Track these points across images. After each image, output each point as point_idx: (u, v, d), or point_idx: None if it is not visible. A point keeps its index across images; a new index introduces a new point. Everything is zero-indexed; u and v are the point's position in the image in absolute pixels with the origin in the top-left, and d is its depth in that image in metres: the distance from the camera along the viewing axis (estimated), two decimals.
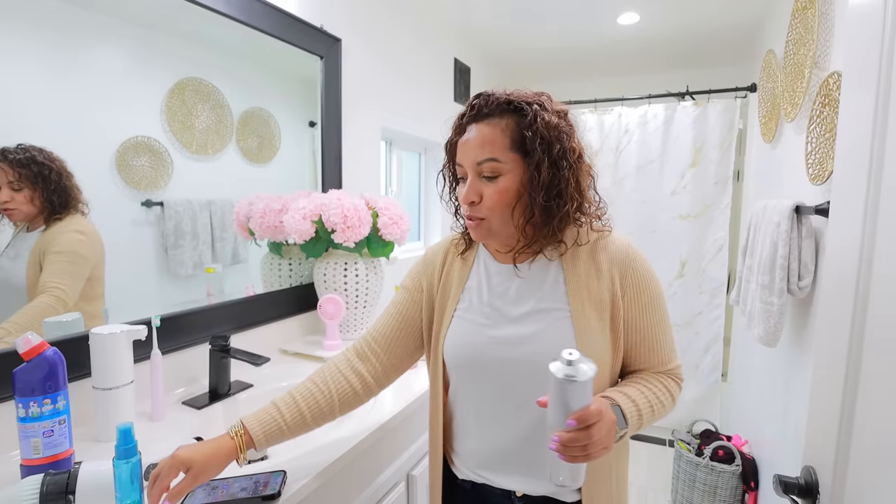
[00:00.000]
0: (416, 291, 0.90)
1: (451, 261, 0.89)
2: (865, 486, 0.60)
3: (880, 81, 0.62)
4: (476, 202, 0.76)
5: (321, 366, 0.88)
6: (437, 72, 2.51)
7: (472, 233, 0.79)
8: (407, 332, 0.89)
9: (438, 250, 0.92)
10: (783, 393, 1.59)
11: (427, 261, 0.91)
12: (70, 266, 1.02)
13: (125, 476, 0.68)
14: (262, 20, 1.40)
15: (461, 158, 0.77)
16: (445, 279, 0.88)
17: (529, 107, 0.73)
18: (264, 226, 1.49)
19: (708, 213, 2.63)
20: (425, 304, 0.88)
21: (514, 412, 0.79)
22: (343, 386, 0.85)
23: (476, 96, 0.76)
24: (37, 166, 0.95)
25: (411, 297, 0.90)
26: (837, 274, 0.71)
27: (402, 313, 0.89)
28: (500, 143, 0.73)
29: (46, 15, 0.96)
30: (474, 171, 0.75)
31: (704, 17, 2.39)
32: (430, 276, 0.89)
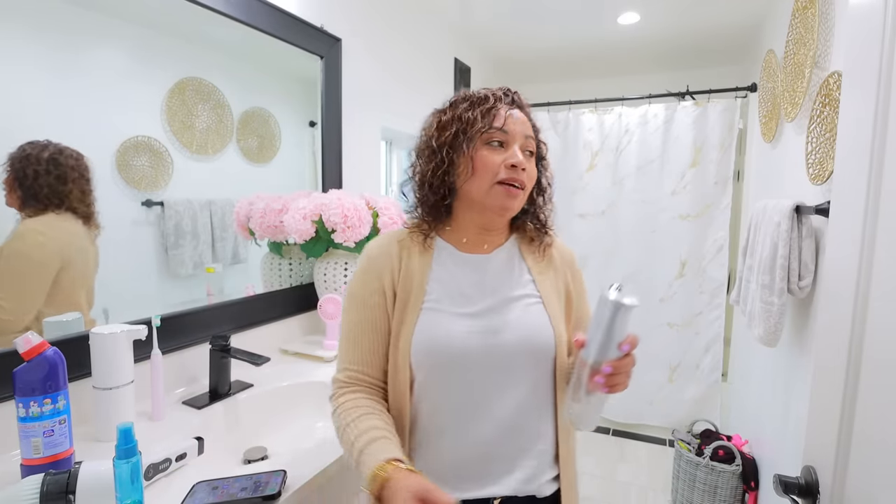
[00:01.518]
0: (378, 296, 0.81)
1: (408, 255, 0.83)
2: (865, 486, 0.60)
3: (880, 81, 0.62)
4: (525, 169, 0.79)
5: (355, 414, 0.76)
6: (438, 71, 2.51)
7: (508, 200, 0.78)
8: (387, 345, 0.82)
9: (388, 246, 0.84)
10: (783, 393, 1.59)
11: (377, 262, 0.83)
12: (17, 272, 0.93)
13: (125, 476, 0.68)
14: (263, 20, 1.40)
15: (511, 126, 0.79)
16: (405, 274, 0.81)
17: (538, 126, 0.87)
18: (264, 226, 1.49)
19: (708, 213, 2.63)
20: (389, 306, 0.81)
21: (494, 403, 0.78)
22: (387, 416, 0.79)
23: (511, 89, 0.85)
24: (23, 155, 0.93)
25: (377, 307, 0.81)
26: (837, 274, 0.71)
27: (377, 329, 0.81)
28: (533, 132, 0.83)
29: (47, 15, 0.96)
30: (522, 143, 0.80)
31: (704, 17, 2.39)
32: (389, 273, 0.82)
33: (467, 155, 0.79)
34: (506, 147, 0.79)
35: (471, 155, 0.79)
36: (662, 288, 2.73)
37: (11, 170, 0.93)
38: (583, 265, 2.87)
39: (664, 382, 2.77)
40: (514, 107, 0.82)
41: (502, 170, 0.77)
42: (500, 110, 0.80)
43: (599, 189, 2.83)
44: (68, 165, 1.00)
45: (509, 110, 0.80)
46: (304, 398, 1.25)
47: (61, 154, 0.98)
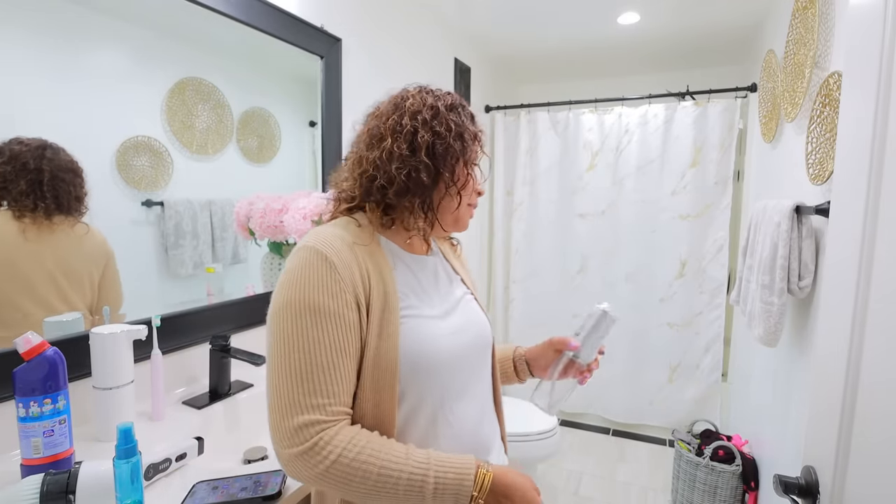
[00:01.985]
0: (353, 311, 0.68)
1: (368, 257, 0.73)
2: (865, 486, 0.60)
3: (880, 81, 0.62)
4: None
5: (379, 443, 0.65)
6: (438, 72, 2.51)
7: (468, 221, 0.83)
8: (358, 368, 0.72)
9: (347, 252, 0.70)
10: (783, 393, 1.59)
11: (344, 270, 0.68)
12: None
13: (125, 476, 0.68)
14: (263, 20, 1.40)
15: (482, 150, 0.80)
16: (376, 279, 0.72)
17: None
18: (264, 225, 1.49)
19: (708, 213, 2.63)
20: (364, 320, 0.69)
21: (466, 402, 0.78)
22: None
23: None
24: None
25: (354, 324, 0.68)
26: (837, 274, 0.71)
27: (356, 351, 0.68)
28: None
29: (47, 15, 0.96)
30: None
31: (704, 17, 2.39)
32: (361, 280, 0.70)
33: (457, 170, 0.74)
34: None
35: (461, 171, 0.75)
36: (662, 288, 2.73)
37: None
38: (583, 265, 2.88)
39: (664, 382, 2.77)
40: None
41: (473, 193, 0.80)
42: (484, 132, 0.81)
43: (599, 189, 2.83)
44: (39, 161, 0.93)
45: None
46: None
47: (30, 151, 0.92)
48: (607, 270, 2.84)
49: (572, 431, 2.87)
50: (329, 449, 0.61)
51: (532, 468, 2.11)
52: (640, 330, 2.78)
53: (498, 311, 3.10)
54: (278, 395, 0.63)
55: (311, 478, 0.61)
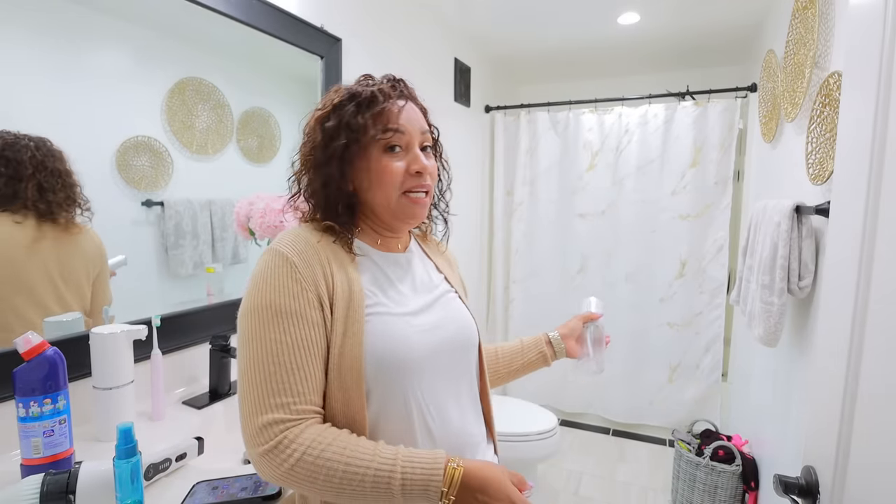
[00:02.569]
0: (316, 310, 0.68)
1: (335, 257, 0.72)
2: (865, 486, 0.60)
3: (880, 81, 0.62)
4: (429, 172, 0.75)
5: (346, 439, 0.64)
6: (438, 72, 2.51)
7: (416, 209, 0.75)
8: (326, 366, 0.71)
9: (312, 252, 0.70)
10: (783, 393, 1.59)
11: (306, 270, 0.68)
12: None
13: (126, 476, 0.68)
14: (263, 20, 1.40)
15: (407, 125, 0.73)
16: (341, 277, 0.71)
17: (428, 110, 0.81)
18: (264, 226, 1.49)
19: (708, 213, 2.63)
20: (328, 319, 0.69)
21: (451, 399, 0.76)
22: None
23: (398, 77, 0.77)
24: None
25: (317, 324, 0.68)
26: (837, 274, 0.71)
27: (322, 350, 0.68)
28: (426, 124, 0.78)
29: (47, 15, 0.96)
30: (419, 140, 0.74)
31: (704, 17, 2.39)
32: (323, 279, 0.69)
33: (364, 166, 0.72)
34: (406, 149, 0.73)
35: (368, 166, 0.72)
36: (662, 288, 2.73)
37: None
38: (583, 265, 2.88)
39: (664, 382, 2.77)
40: (404, 99, 0.75)
41: (407, 178, 0.72)
42: (392, 109, 0.72)
43: (599, 189, 2.83)
44: (22, 160, 0.91)
45: (402, 106, 0.73)
46: None
47: (12, 147, 0.90)
48: (607, 270, 2.84)
49: (572, 431, 2.87)
50: (293, 448, 0.60)
51: (532, 468, 2.11)
52: (640, 330, 2.78)
53: (498, 311, 3.10)
54: (245, 395, 0.64)
55: (277, 477, 0.61)
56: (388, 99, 0.73)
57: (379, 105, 0.72)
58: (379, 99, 0.72)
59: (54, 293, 0.98)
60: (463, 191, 2.74)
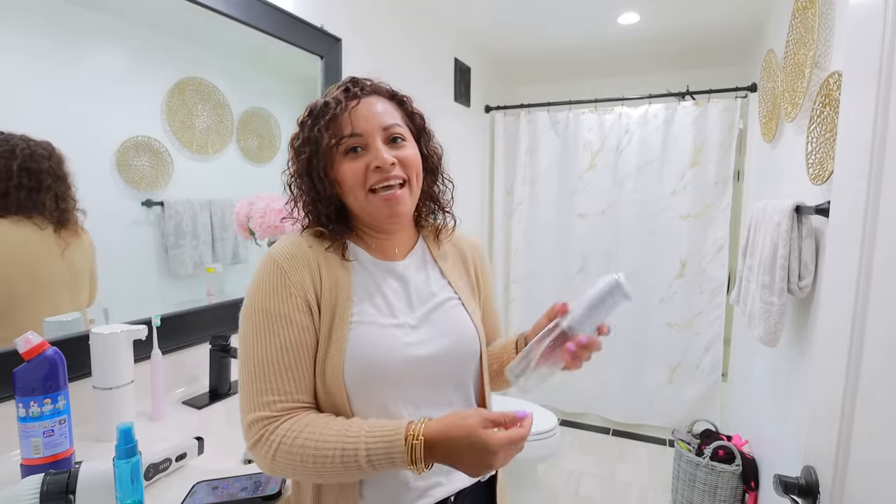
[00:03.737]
0: (304, 314, 0.70)
1: (326, 262, 0.74)
2: (865, 486, 0.60)
3: (880, 81, 0.62)
4: (395, 164, 0.72)
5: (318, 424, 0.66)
6: (438, 72, 2.51)
7: (390, 206, 0.73)
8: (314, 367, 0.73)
9: (301, 253, 0.73)
10: (783, 393, 1.59)
11: (293, 271, 0.71)
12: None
13: (126, 476, 0.68)
14: (263, 20, 1.40)
15: (361, 126, 0.72)
16: (329, 283, 0.73)
17: (405, 97, 0.79)
18: (264, 225, 1.49)
19: (708, 213, 2.63)
20: (316, 323, 0.72)
21: (437, 409, 0.75)
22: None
23: (352, 78, 0.76)
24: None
25: (305, 327, 0.70)
26: (837, 274, 0.71)
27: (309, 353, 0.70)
28: (396, 115, 0.76)
29: (47, 15, 0.96)
30: (381, 136, 0.73)
31: (704, 17, 2.39)
32: (311, 283, 0.72)
33: (334, 174, 0.74)
34: (366, 148, 0.72)
35: (333, 175, 0.74)
36: (662, 288, 2.73)
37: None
38: (583, 265, 2.88)
39: (664, 382, 2.77)
40: (366, 95, 0.75)
41: (369, 175, 0.72)
42: (344, 114, 0.72)
43: (599, 189, 2.83)
44: (45, 170, 0.94)
45: (358, 106, 0.73)
46: None
47: (32, 157, 0.92)
48: (607, 270, 2.83)
49: (572, 431, 2.87)
50: (271, 440, 0.64)
51: (532, 468, 2.11)
52: (640, 330, 2.78)
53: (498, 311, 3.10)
54: (240, 392, 0.69)
55: (266, 468, 0.66)
56: (338, 105, 0.73)
57: (330, 113, 0.72)
58: (330, 106, 0.73)
59: (67, 294, 1.01)
60: (463, 191, 2.74)
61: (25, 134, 0.93)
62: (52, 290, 0.99)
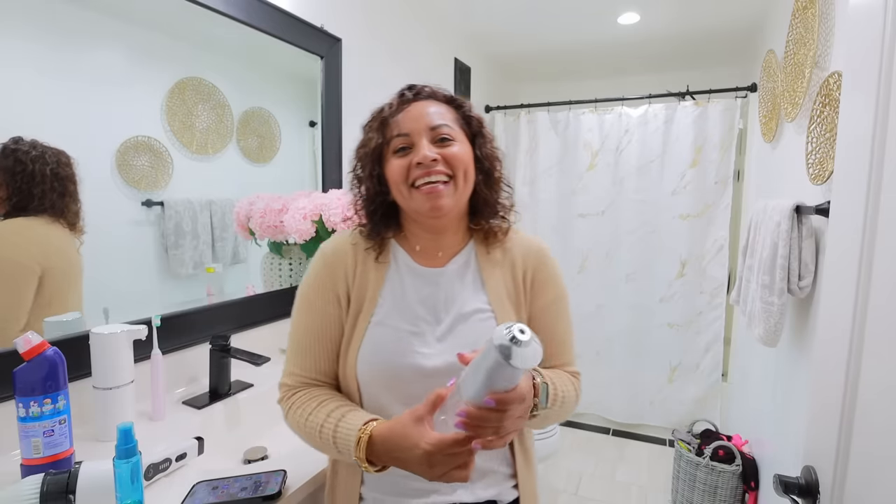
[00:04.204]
0: (333, 306, 0.78)
1: (364, 260, 0.79)
2: (865, 486, 0.60)
3: (880, 81, 0.62)
4: (438, 160, 0.73)
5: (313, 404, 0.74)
6: (438, 72, 2.51)
7: (432, 200, 0.73)
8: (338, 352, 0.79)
9: (342, 249, 0.80)
10: (783, 393, 1.59)
11: (333, 264, 0.79)
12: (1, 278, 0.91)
13: (126, 476, 0.68)
14: (263, 20, 1.40)
15: (408, 126, 0.74)
16: (359, 281, 0.78)
17: (463, 101, 0.81)
18: (264, 225, 1.49)
19: (708, 213, 2.63)
20: (343, 315, 0.79)
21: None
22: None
23: (410, 85, 0.80)
24: (13, 161, 0.92)
25: (331, 316, 0.78)
26: (838, 274, 0.71)
27: (331, 338, 0.78)
28: (448, 117, 0.77)
29: (47, 15, 0.96)
30: (428, 136, 0.74)
31: (704, 17, 2.39)
32: (343, 279, 0.79)
33: (380, 174, 0.78)
34: (413, 147, 0.74)
35: (382, 174, 0.78)
36: (662, 288, 2.73)
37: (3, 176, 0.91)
38: (583, 265, 2.88)
39: (664, 382, 2.77)
40: (419, 99, 0.78)
41: (412, 171, 0.73)
42: (395, 116, 0.76)
43: (599, 189, 2.83)
44: (67, 177, 0.99)
45: (409, 108, 0.76)
46: None
47: (59, 164, 0.97)
48: (607, 270, 2.84)
49: (572, 431, 2.87)
50: (287, 404, 0.77)
51: None
52: (640, 330, 2.78)
53: None
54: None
55: (286, 422, 0.78)
56: (391, 108, 0.77)
57: (381, 116, 0.78)
58: (384, 110, 0.78)
59: (81, 289, 1.06)
60: None
61: (35, 139, 0.95)
62: (79, 285, 1.05)
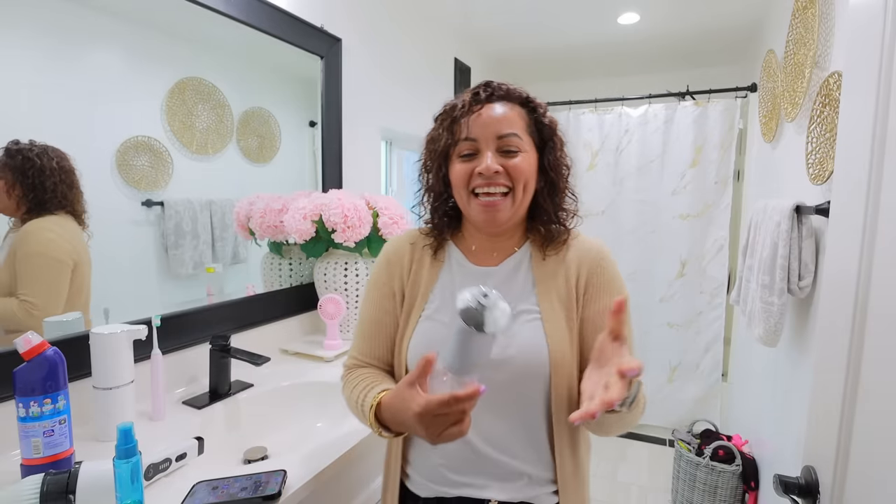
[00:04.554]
0: (389, 300, 0.83)
1: (420, 258, 0.84)
2: (865, 486, 0.60)
3: (880, 81, 0.62)
4: (500, 172, 0.73)
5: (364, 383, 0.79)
6: (438, 71, 2.51)
7: (487, 212, 0.74)
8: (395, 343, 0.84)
9: (401, 248, 0.85)
10: (783, 393, 1.59)
11: (390, 262, 0.85)
12: (41, 270, 0.96)
13: (126, 476, 0.68)
14: (263, 20, 1.40)
15: (476, 132, 0.74)
16: (414, 278, 0.83)
17: (539, 104, 0.80)
18: (264, 225, 1.49)
19: (708, 213, 2.63)
20: (398, 309, 0.83)
21: (485, 417, 0.75)
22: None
23: (486, 82, 0.78)
24: (21, 159, 0.93)
25: (387, 311, 0.83)
26: (837, 274, 0.71)
27: (387, 332, 0.83)
28: (518, 124, 0.76)
29: (47, 15, 0.96)
30: (494, 145, 0.74)
31: (704, 17, 2.39)
32: (399, 276, 0.84)
33: (443, 174, 0.79)
34: (478, 154, 0.75)
35: (444, 173, 0.79)
36: (662, 288, 2.73)
37: (15, 176, 0.93)
38: None
39: (664, 382, 2.77)
40: (493, 100, 0.76)
41: (473, 178, 0.74)
42: (466, 118, 0.75)
43: (599, 189, 2.83)
44: (71, 170, 1.01)
45: (481, 111, 0.75)
46: (305, 398, 1.25)
47: (60, 158, 0.99)
48: None
49: None
50: (343, 381, 0.85)
51: None
52: (641, 330, 2.78)
53: None
54: None
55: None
56: (463, 107, 0.76)
57: (454, 114, 0.77)
58: (457, 107, 0.77)
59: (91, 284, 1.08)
60: None
61: (31, 139, 0.95)
62: (91, 278, 1.07)
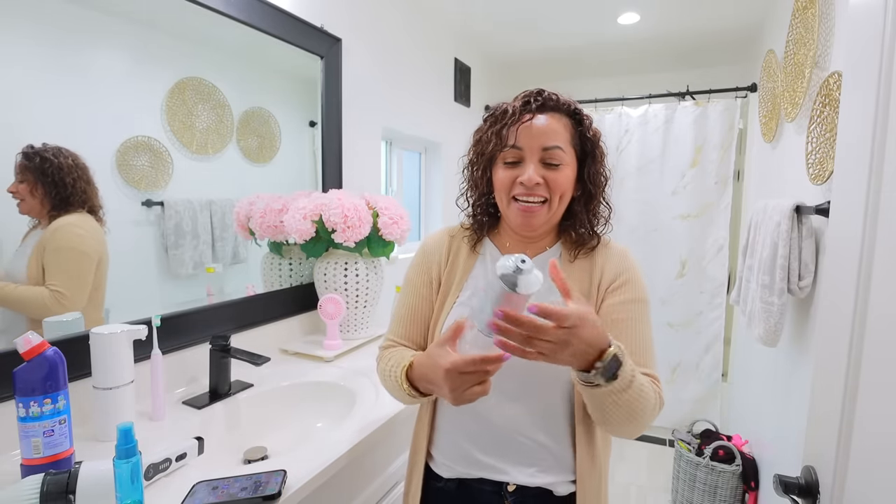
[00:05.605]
0: (427, 288, 0.90)
1: (457, 250, 0.90)
2: (865, 486, 0.60)
3: (880, 81, 0.62)
4: (541, 183, 0.78)
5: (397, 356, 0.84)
6: (438, 71, 2.51)
7: (525, 217, 0.80)
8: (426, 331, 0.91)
9: (440, 239, 0.93)
10: (783, 393, 1.59)
11: (428, 252, 0.92)
12: (70, 263, 1.01)
13: (126, 476, 0.68)
14: (263, 20, 1.40)
15: (523, 141, 0.78)
16: (450, 268, 0.89)
17: (585, 115, 0.83)
18: (264, 225, 1.49)
19: (708, 213, 2.63)
20: (434, 295, 0.90)
21: (511, 402, 0.80)
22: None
23: (538, 91, 0.82)
24: (39, 160, 0.96)
25: (425, 298, 0.90)
26: (837, 274, 0.71)
27: (423, 316, 0.90)
28: (563, 136, 0.80)
29: (47, 14, 0.96)
30: (538, 156, 0.78)
31: (704, 17, 2.39)
32: (437, 265, 0.91)
33: (487, 175, 0.85)
34: (522, 162, 0.79)
35: (489, 175, 0.85)
36: (663, 288, 2.73)
37: (36, 177, 0.96)
38: None
39: (664, 382, 2.76)
40: (543, 111, 0.79)
41: (514, 186, 0.79)
42: (514, 126, 0.79)
43: None
44: (85, 167, 1.03)
45: (529, 120, 0.78)
46: (305, 398, 1.25)
47: (72, 156, 1.01)
48: None
49: None
50: (378, 359, 0.91)
51: None
52: None
53: None
54: None
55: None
56: (513, 115, 0.80)
57: (504, 120, 0.80)
58: (508, 113, 0.80)
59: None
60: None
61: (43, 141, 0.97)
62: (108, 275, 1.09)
